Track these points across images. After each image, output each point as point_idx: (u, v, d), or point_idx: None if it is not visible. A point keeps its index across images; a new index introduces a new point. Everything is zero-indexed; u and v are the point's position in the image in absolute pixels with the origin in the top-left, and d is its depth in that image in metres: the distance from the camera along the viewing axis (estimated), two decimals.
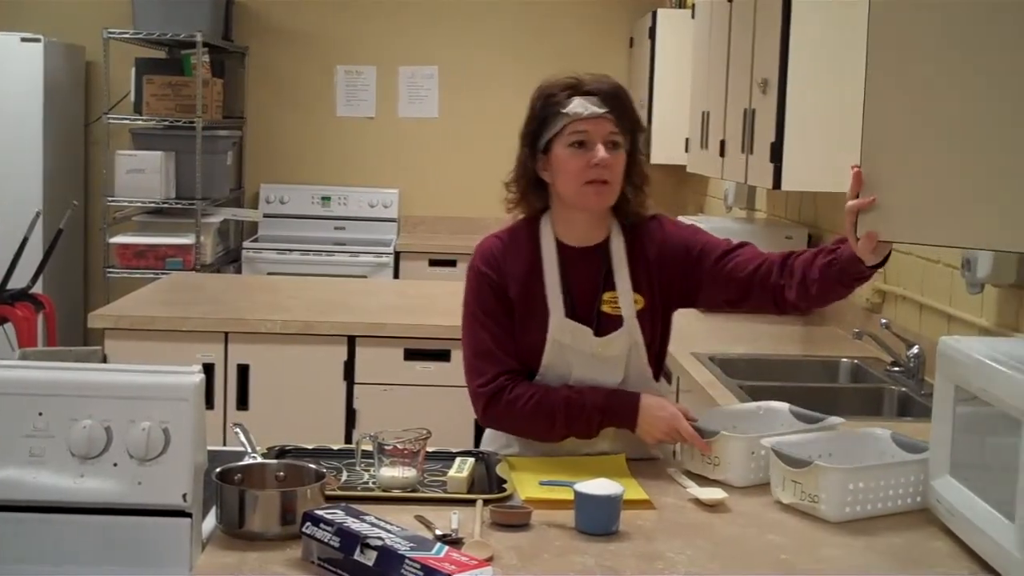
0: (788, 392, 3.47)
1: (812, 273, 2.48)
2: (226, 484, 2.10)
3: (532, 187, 2.59)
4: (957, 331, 3.40)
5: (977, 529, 2.03)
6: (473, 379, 2.56)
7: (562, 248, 2.59)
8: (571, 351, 2.55)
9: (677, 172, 6.74)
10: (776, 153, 3.98)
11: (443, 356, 4.26)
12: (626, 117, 2.54)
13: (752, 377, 3.62)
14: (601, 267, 2.58)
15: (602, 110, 2.49)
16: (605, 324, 2.56)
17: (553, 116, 2.51)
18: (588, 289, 2.57)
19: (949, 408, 2.19)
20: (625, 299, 2.56)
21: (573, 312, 2.55)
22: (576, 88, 2.52)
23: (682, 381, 3.85)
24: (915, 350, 3.51)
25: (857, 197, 2.34)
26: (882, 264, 2.42)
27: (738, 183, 5.29)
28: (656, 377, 2.67)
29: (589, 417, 2.51)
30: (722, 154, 4.69)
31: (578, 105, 2.49)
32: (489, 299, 2.56)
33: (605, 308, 2.56)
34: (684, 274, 2.59)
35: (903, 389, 3.48)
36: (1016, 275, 3.09)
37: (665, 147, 6.38)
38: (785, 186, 4.01)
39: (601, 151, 2.49)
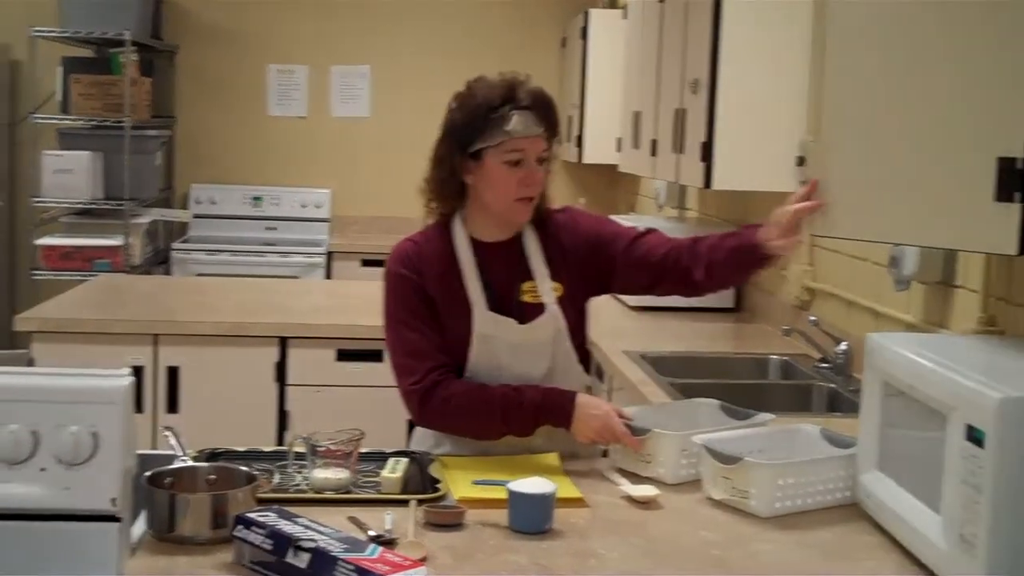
0: (719, 389, 3.50)
1: (717, 255, 2.59)
2: (156, 488, 2.08)
3: (453, 187, 2.61)
4: (884, 328, 3.44)
5: (904, 522, 2.06)
6: (404, 379, 2.55)
7: (476, 244, 2.62)
8: (497, 342, 2.57)
9: (609, 172, 6.78)
10: (707, 153, 4.00)
11: (375, 356, 4.24)
12: (554, 130, 2.59)
13: (683, 374, 3.64)
14: (517, 259, 2.63)
15: (539, 129, 2.54)
16: (528, 313, 2.60)
17: (492, 129, 2.52)
18: (506, 281, 2.61)
19: (877, 403, 2.22)
20: (544, 286, 2.61)
21: (495, 305, 2.58)
22: (514, 100, 2.53)
23: (614, 379, 3.87)
24: (843, 347, 3.55)
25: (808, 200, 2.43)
26: (773, 260, 2.58)
27: (669, 182, 5.32)
28: (585, 366, 2.71)
29: (526, 414, 2.52)
30: (654, 154, 4.71)
31: (519, 123, 2.51)
32: (411, 300, 2.57)
33: (526, 298, 2.61)
34: (597, 261, 2.66)
35: (831, 385, 3.52)
36: (942, 272, 3.13)
37: (597, 147, 6.41)
38: (716, 185, 4.04)
39: (537, 172, 2.55)
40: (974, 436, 1.80)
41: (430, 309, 2.57)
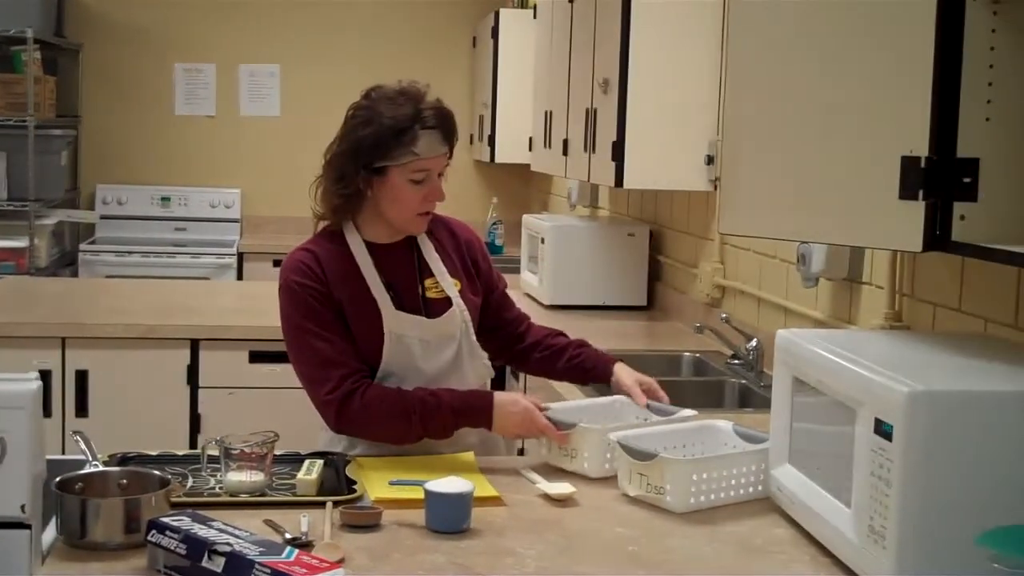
0: None
1: (558, 364, 2.87)
2: (66, 493, 2.04)
3: (351, 200, 2.61)
4: (794, 324, 3.49)
5: (816, 515, 2.09)
6: (318, 390, 2.53)
7: (372, 247, 2.64)
8: (409, 340, 2.60)
9: (521, 171, 6.79)
10: (618, 152, 4.03)
11: (286, 357, 4.20)
12: (454, 145, 2.63)
13: None
14: (414, 258, 2.67)
15: (444, 149, 2.57)
16: (434, 308, 2.63)
17: (399, 148, 2.52)
18: (408, 280, 2.64)
19: (787, 399, 2.25)
20: (445, 281, 2.67)
21: (400, 303, 2.60)
22: (420, 120, 2.53)
23: (529, 379, 3.88)
24: (754, 343, 3.59)
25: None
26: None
27: (581, 181, 5.35)
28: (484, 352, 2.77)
29: (444, 417, 2.52)
30: (565, 153, 4.74)
31: (426, 145, 2.53)
32: (316, 309, 2.55)
33: (430, 294, 2.65)
34: (474, 274, 2.77)
35: (743, 381, 3.57)
36: (848, 269, 3.19)
37: (509, 146, 6.42)
38: (627, 184, 4.07)
39: (437, 188, 2.59)
40: (882, 430, 1.83)
41: (337, 316, 2.56)
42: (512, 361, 2.94)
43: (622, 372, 2.79)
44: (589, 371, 2.85)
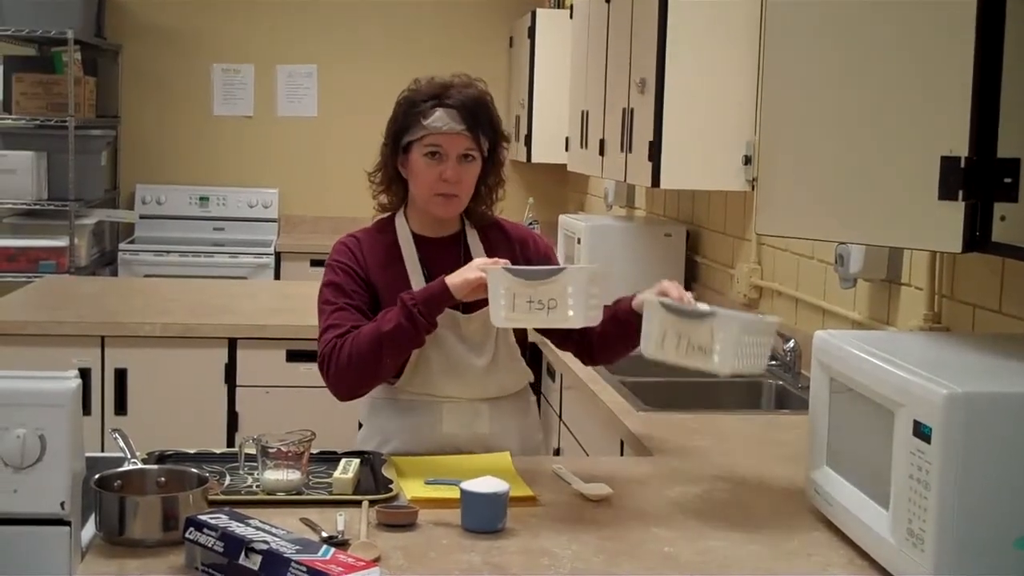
0: (670, 387, 3.52)
1: (609, 332, 2.57)
2: (105, 491, 2.06)
3: (393, 179, 2.68)
4: (831, 325, 3.48)
5: (854, 517, 2.08)
6: (320, 352, 2.56)
7: (419, 239, 2.67)
8: (443, 333, 2.59)
9: (558, 171, 6.79)
10: (654, 152, 4.02)
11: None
12: (485, 131, 2.62)
13: (635, 373, 3.65)
14: (459, 254, 2.66)
15: (460, 127, 2.57)
16: (469, 305, 2.60)
17: (414, 124, 2.59)
18: (449, 273, 2.61)
19: (825, 400, 2.24)
20: None
21: None
22: (440, 99, 2.58)
23: (565, 378, 3.88)
24: (791, 344, 3.58)
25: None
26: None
27: (618, 181, 5.34)
28: (523, 354, 2.73)
29: (402, 311, 2.45)
30: (601, 153, 4.73)
31: (438, 119, 2.56)
32: (345, 281, 2.61)
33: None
34: None
35: (780, 383, 3.55)
36: (887, 270, 3.17)
37: (546, 146, 6.42)
38: (663, 184, 4.06)
39: (451, 168, 2.58)
40: (921, 432, 1.82)
41: (364, 291, 2.60)
42: (596, 357, 2.72)
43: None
44: (623, 317, 2.58)
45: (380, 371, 2.52)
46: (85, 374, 4.16)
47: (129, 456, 2.29)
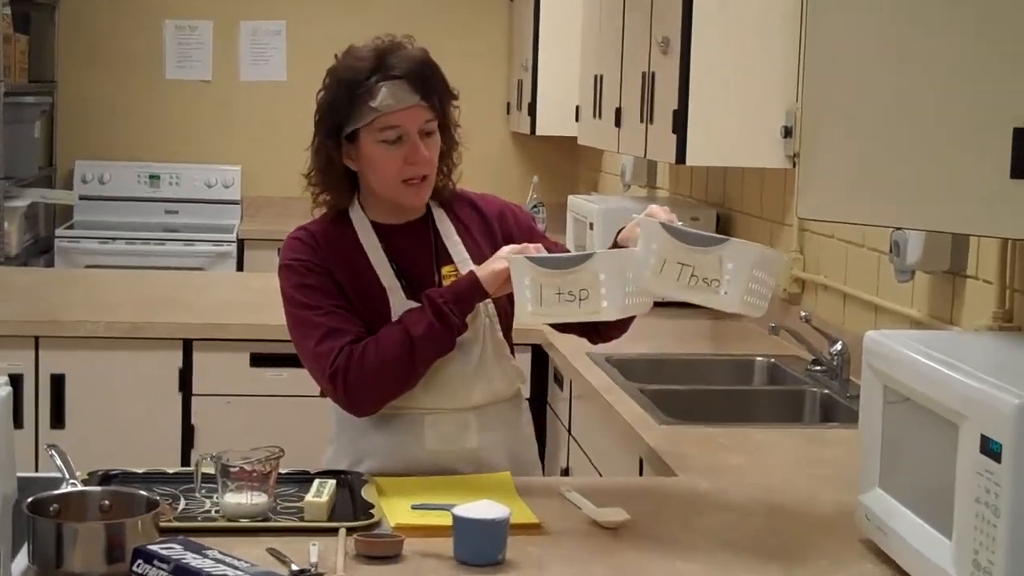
0: (696, 396, 3.53)
1: None
2: (39, 517, 2.06)
3: (339, 177, 2.65)
4: (885, 324, 3.48)
5: (910, 547, 2.08)
6: (324, 368, 2.55)
7: (380, 228, 2.67)
8: None
9: (566, 145, 6.78)
10: (679, 123, 4.02)
11: (296, 361, 4.21)
12: (441, 94, 2.61)
13: (654, 379, 3.66)
14: (430, 241, 2.68)
15: (414, 98, 2.55)
16: None
17: (359, 107, 2.55)
18: (422, 266, 2.66)
19: (877, 412, 2.24)
20: (466, 268, 2.64)
21: (413, 294, 2.60)
22: (383, 70, 2.55)
23: (575, 386, 3.88)
24: (838, 346, 3.58)
25: None
26: None
27: (637, 157, 5.34)
28: (512, 352, 2.75)
29: (431, 311, 2.50)
30: (618, 124, 4.73)
31: (387, 96, 2.53)
32: (316, 283, 2.60)
33: (449, 283, 2.62)
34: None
35: (825, 391, 3.55)
36: (950, 261, 3.17)
37: (553, 116, 6.41)
38: (690, 160, 4.06)
39: (420, 148, 2.56)
40: (989, 448, 1.82)
41: (340, 291, 2.60)
42: (605, 333, 2.74)
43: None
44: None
45: (412, 380, 2.56)
46: (16, 381, 4.15)
47: (67, 476, 2.28)
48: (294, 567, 2.08)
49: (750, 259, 2.25)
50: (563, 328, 2.73)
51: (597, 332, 2.72)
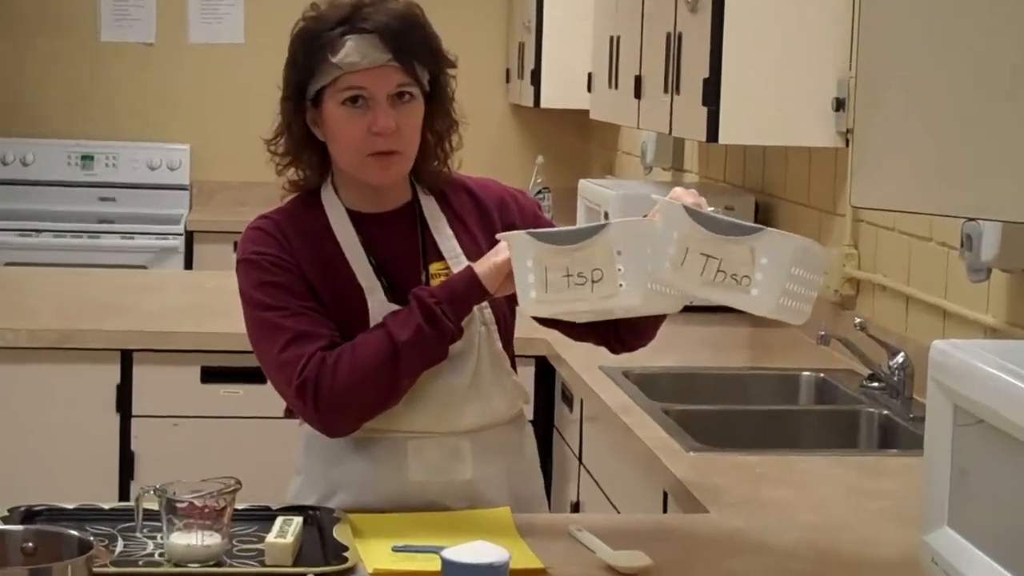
0: (731, 418, 3.54)
1: None
2: None
3: (304, 145, 2.66)
4: (955, 333, 3.47)
5: None
6: (290, 378, 2.54)
7: (357, 217, 2.67)
8: None
9: (577, 120, 6.78)
10: (711, 94, 4.02)
11: (256, 377, 4.21)
12: (420, 56, 2.60)
13: (681, 398, 3.66)
14: (416, 234, 2.68)
15: (385, 56, 2.55)
16: None
17: (321, 62, 2.56)
18: (407, 263, 2.66)
19: (946, 436, 2.24)
20: (459, 265, 2.63)
21: (395, 295, 2.60)
22: (351, 22, 2.55)
23: (586, 406, 3.88)
24: (900, 359, 3.57)
25: None
26: None
27: (660, 134, 5.34)
28: (513, 366, 2.74)
29: (421, 313, 2.48)
30: (637, 95, 4.73)
31: (352, 51, 2.53)
32: (281, 281, 2.60)
33: (437, 282, 2.62)
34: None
35: (884, 412, 3.55)
36: None
37: (560, 86, 6.41)
38: (724, 138, 4.06)
39: (382, 114, 2.55)
40: None
41: (309, 289, 2.61)
42: (628, 341, 2.76)
43: None
44: None
45: (395, 395, 2.56)
46: None
47: None
48: None
49: (789, 253, 2.23)
50: (578, 335, 2.73)
51: (619, 339, 2.72)
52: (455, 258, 2.67)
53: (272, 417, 2.69)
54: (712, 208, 2.38)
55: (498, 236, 2.46)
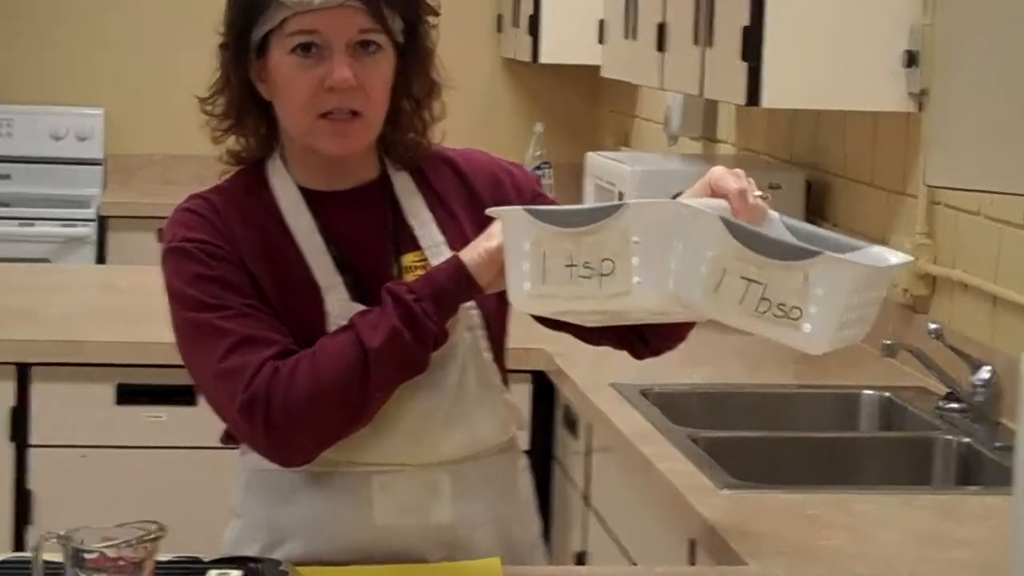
0: (775, 448, 3.54)
1: None
2: None
3: (246, 105, 2.65)
4: None
5: None
6: (234, 392, 2.53)
7: (313, 197, 2.66)
8: None
9: (584, 78, 6.80)
10: (752, 46, 4.02)
11: (184, 397, 4.22)
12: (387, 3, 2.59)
13: (712, 423, 3.66)
14: (385, 217, 2.68)
15: None
16: None
17: (266, 3, 2.55)
18: (374, 253, 2.65)
19: None
20: (439, 256, 2.63)
21: (361, 292, 2.60)
22: None
23: (596, 432, 3.88)
24: (985, 374, 3.57)
25: None
26: None
27: (688, 96, 5.35)
28: (505, 382, 2.75)
29: (397, 313, 2.49)
30: (661, 48, 4.73)
31: None
32: (220, 274, 2.59)
33: (412, 277, 2.61)
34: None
35: (965, 439, 3.55)
36: None
37: (564, 38, 6.44)
38: (767, 101, 4.06)
39: (341, 67, 2.54)
40: None
41: (253, 289, 2.60)
42: (654, 342, 2.79)
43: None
44: None
45: (364, 414, 2.54)
46: None
47: None
48: None
49: (850, 282, 2.23)
50: (593, 336, 2.72)
51: (642, 339, 2.72)
52: (434, 247, 2.66)
53: (205, 447, 2.68)
54: (759, 193, 2.38)
55: (489, 211, 2.45)
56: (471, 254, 2.47)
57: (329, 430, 2.54)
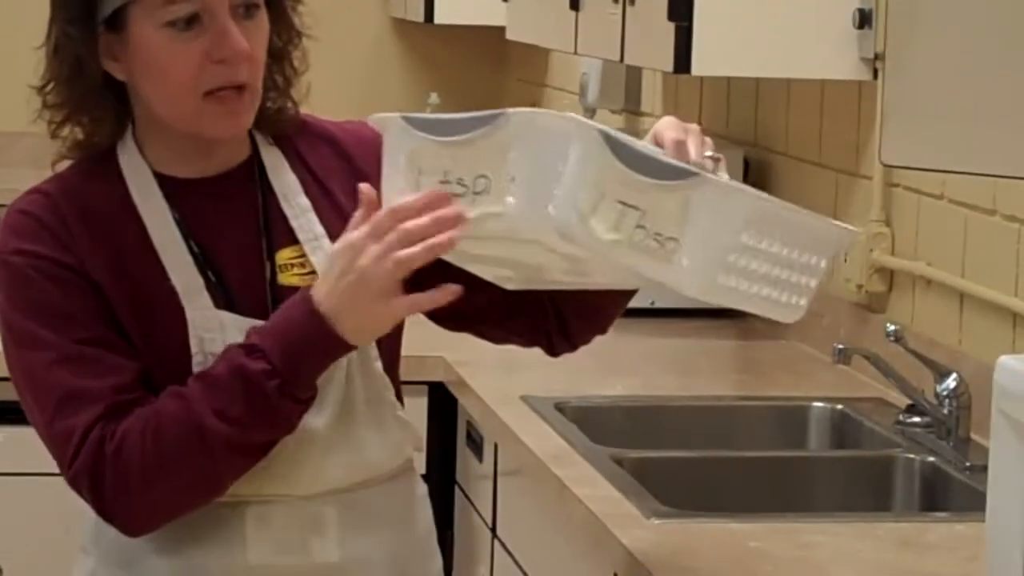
0: (712, 469, 3.56)
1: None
2: None
3: (95, 92, 2.62)
4: None
5: None
6: (61, 464, 2.54)
7: (170, 185, 2.64)
8: None
9: (486, 42, 6.82)
10: (680, 5, 4.04)
11: (18, 412, 4.21)
12: None
13: (639, 442, 3.68)
14: (255, 205, 2.67)
15: None
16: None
17: None
18: (243, 249, 2.65)
19: (1018, 492, 2.26)
20: (321, 254, 2.62)
21: (226, 297, 2.60)
22: None
23: (502, 453, 3.89)
24: (951, 382, 3.60)
25: None
26: None
27: (607, 62, 5.36)
28: (399, 396, 2.75)
29: (251, 392, 2.46)
30: (575, 6, 4.74)
31: None
32: (54, 298, 2.57)
33: (289, 278, 2.62)
34: None
35: (930, 458, 3.58)
36: None
37: None
38: (699, 68, 4.08)
39: (232, 34, 2.52)
40: None
41: (98, 311, 2.58)
42: (573, 328, 2.78)
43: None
44: None
45: (217, 489, 2.54)
46: None
47: None
48: None
49: (739, 214, 2.23)
50: (502, 335, 2.74)
51: (560, 326, 2.72)
52: (313, 241, 2.65)
53: (47, 473, 2.67)
54: (710, 153, 2.36)
55: (368, 119, 2.45)
56: (330, 295, 2.42)
57: (175, 502, 2.54)
